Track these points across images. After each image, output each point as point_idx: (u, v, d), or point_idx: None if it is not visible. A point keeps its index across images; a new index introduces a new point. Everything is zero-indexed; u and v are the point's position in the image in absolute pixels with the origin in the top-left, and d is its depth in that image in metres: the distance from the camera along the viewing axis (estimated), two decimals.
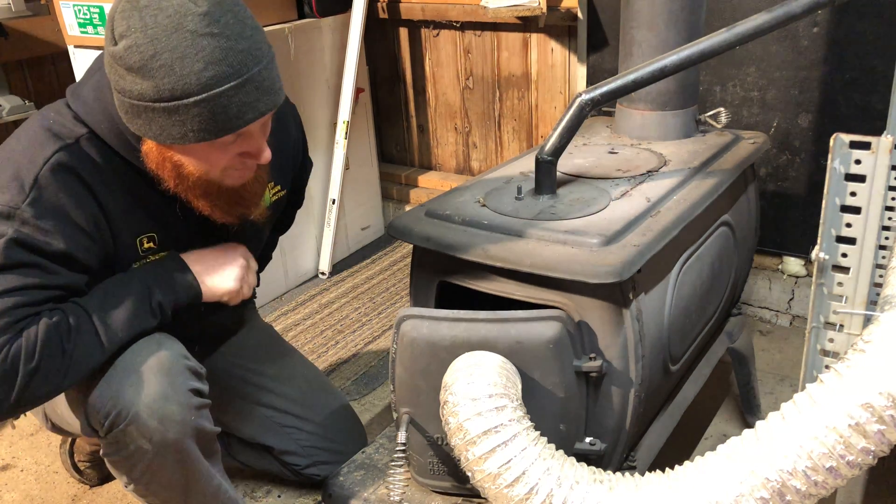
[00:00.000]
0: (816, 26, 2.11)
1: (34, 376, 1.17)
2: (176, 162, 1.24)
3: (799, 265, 2.33)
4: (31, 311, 1.18)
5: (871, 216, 1.13)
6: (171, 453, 1.30)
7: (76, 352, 1.21)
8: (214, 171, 1.27)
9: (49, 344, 1.18)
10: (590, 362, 1.24)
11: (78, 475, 1.86)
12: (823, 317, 1.20)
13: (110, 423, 1.27)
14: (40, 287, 1.20)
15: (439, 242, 1.32)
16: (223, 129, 1.18)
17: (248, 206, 1.36)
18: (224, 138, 1.20)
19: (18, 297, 1.17)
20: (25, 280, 1.18)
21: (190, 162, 1.24)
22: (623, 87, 1.39)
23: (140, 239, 1.34)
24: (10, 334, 1.16)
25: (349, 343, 2.40)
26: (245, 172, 1.31)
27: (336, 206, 2.80)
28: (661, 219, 1.33)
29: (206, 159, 1.24)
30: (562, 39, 2.68)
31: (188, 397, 1.30)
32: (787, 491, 1.00)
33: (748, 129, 1.99)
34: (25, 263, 1.18)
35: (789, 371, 2.14)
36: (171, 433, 1.28)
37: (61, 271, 1.22)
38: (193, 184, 1.27)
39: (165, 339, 1.32)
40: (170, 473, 1.33)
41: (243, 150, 1.25)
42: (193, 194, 1.29)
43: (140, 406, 1.25)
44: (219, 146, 1.22)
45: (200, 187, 1.28)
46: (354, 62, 2.73)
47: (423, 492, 1.39)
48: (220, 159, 1.25)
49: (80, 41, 2.39)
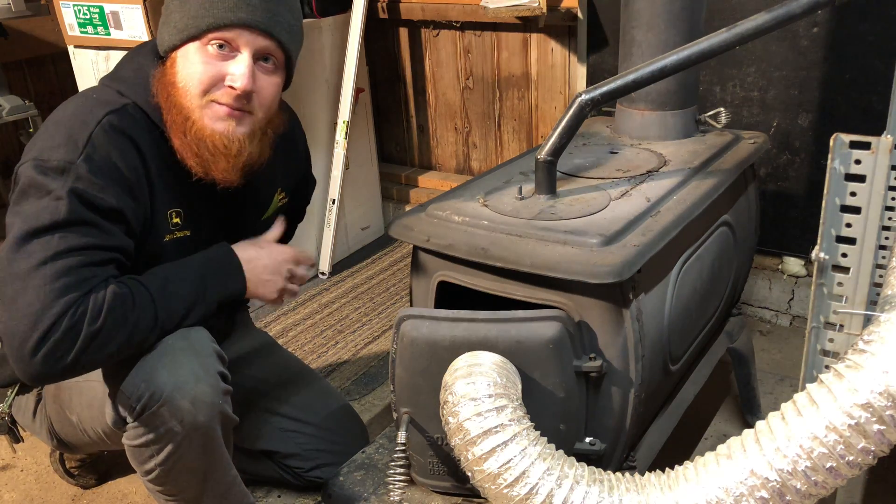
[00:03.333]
0: (816, 26, 2.11)
1: (95, 339, 1.19)
2: (171, 79, 1.31)
3: (799, 265, 2.33)
4: (94, 271, 1.21)
5: (871, 216, 1.13)
6: (198, 436, 1.31)
7: (137, 325, 1.24)
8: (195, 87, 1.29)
9: (114, 311, 1.21)
10: (590, 362, 1.24)
11: (72, 480, 1.86)
12: (823, 317, 1.20)
13: (143, 404, 1.27)
14: (100, 248, 1.22)
15: (439, 242, 1.32)
16: (214, 16, 1.27)
17: (217, 156, 1.33)
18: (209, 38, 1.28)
19: (82, 256, 1.20)
20: (86, 239, 1.21)
21: (179, 73, 1.30)
22: (623, 87, 1.39)
23: (170, 212, 1.37)
24: (77, 293, 1.18)
25: (349, 343, 2.40)
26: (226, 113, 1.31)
27: (336, 206, 2.80)
28: (661, 219, 1.33)
29: (190, 64, 1.29)
30: (562, 39, 2.68)
31: (217, 380, 1.32)
32: (787, 491, 1.00)
33: (748, 129, 1.99)
34: (84, 221, 1.21)
35: (789, 371, 2.14)
36: (201, 415, 1.29)
37: (115, 231, 1.25)
38: (175, 102, 1.30)
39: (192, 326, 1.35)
40: (193, 458, 1.34)
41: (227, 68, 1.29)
42: (175, 122, 1.31)
43: (173, 387, 1.27)
44: (205, 53, 1.29)
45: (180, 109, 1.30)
46: (354, 62, 2.73)
47: (423, 492, 1.39)
48: (203, 69, 1.29)
49: (80, 41, 2.40)
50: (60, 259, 1.18)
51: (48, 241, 1.19)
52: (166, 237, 1.37)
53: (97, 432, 1.47)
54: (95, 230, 1.22)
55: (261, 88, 1.33)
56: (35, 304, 1.16)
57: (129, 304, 1.23)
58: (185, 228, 1.40)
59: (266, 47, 1.32)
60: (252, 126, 1.35)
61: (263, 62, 1.34)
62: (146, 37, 2.26)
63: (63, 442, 1.58)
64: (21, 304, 1.17)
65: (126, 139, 1.28)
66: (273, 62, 1.35)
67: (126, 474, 1.89)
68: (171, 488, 1.39)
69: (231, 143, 1.32)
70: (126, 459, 1.38)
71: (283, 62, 1.37)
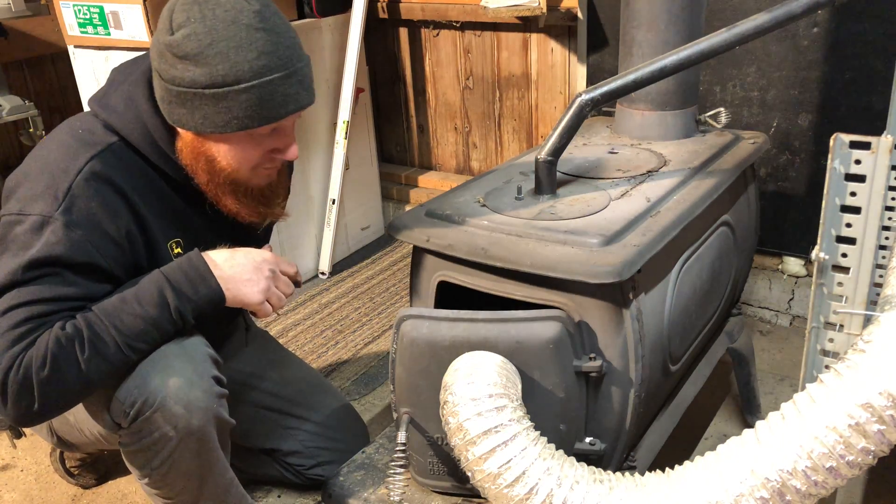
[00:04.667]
0: (816, 26, 2.11)
1: (50, 383, 1.19)
2: (211, 156, 1.30)
3: (799, 265, 2.33)
4: (40, 321, 1.20)
5: (871, 216, 1.13)
6: (193, 441, 1.31)
7: (92, 360, 1.21)
8: (245, 168, 1.32)
9: (60, 353, 1.18)
10: (590, 362, 1.24)
11: (72, 479, 1.86)
12: (823, 317, 1.20)
13: (136, 410, 1.27)
14: (54, 299, 1.21)
15: (439, 242, 1.32)
16: (267, 116, 1.25)
17: (271, 205, 1.41)
18: (261, 129, 1.27)
19: (30, 308, 1.19)
20: (40, 291, 1.20)
21: (224, 156, 1.30)
22: (623, 87, 1.39)
23: (171, 244, 1.37)
24: (21, 345, 1.18)
25: (349, 343, 2.40)
26: (272, 171, 1.37)
27: (336, 206, 2.80)
28: (661, 219, 1.33)
29: (240, 152, 1.30)
30: (562, 39, 2.68)
31: (211, 384, 1.31)
32: (787, 491, 1.00)
33: (748, 129, 1.99)
34: (43, 276, 1.21)
35: (789, 371, 2.14)
36: (195, 420, 1.29)
37: (80, 282, 1.23)
38: (224, 179, 1.32)
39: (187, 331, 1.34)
40: (189, 462, 1.33)
41: (276, 145, 1.32)
42: (223, 191, 1.34)
43: (166, 392, 1.26)
44: (256, 138, 1.29)
45: (230, 184, 1.33)
46: (354, 62, 2.73)
47: (423, 492, 1.39)
48: (253, 154, 1.31)
49: (80, 41, 2.39)
50: (9, 313, 1.19)
51: (8, 297, 1.20)
52: None
53: (94, 434, 1.47)
54: (55, 280, 1.21)
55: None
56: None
57: (78, 340, 1.20)
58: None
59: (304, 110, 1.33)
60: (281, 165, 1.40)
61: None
62: (146, 37, 2.25)
63: (63, 440, 1.58)
64: None
65: (109, 187, 1.26)
66: None
67: (126, 474, 1.89)
68: (167, 492, 1.38)
69: (278, 190, 1.41)
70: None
71: None
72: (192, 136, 1.29)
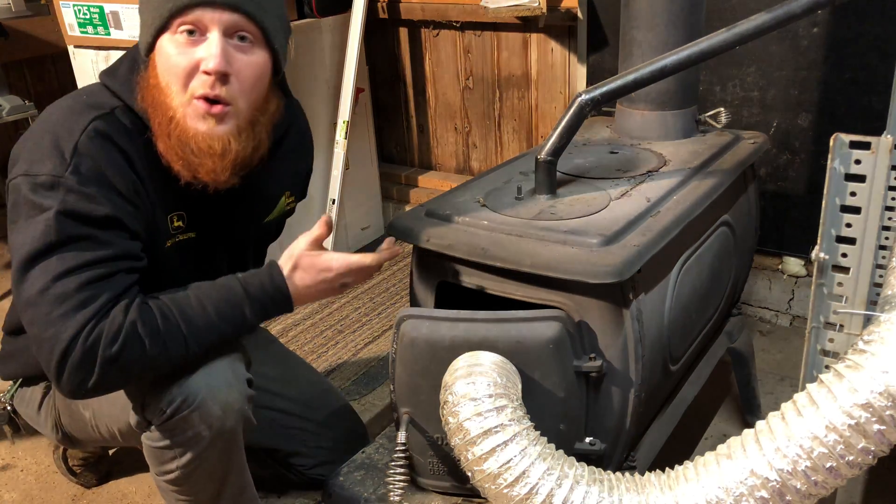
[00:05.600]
0: (816, 26, 2.11)
1: (114, 363, 1.17)
2: (153, 81, 1.26)
3: (799, 265, 2.33)
4: (99, 287, 1.18)
5: (871, 216, 1.13)
6: (223, 441, 1.31)
7: (160, 354, 1.21)
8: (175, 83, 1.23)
9: (132, 336, 1.18)
10: (590, 362, 1.24)
11: (74, 478, 1.86)
12: (823, 317, 1.20)
13: (175, 408, 1.26)
14: (99, 262, 1.19)
15: (439, 242, 1.32)
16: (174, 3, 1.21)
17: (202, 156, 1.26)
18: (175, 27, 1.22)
19: (82, 275, 1.17)
20: (84, 256, 1.18)
21: (158, 72, 1.25)
22: (623, 87, 1.39)
23: (171, 216, 1.35)
24: (84, 313, 1.16)
25: (349, 343, 2.40)
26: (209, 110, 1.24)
27: (336, 206, 2.80)
28: (661, 219, 1.33)
29: (165, 60, 1.24)
30: (562, 39, 2.68)
31: (245, 386, 1.32)
32: (787, 491, 0.99)
33: (748, 129, 1.99)
34: (78, 237, 1.19)
35: (789, 371, 2.14)
36: (229, 421, 1.29)
37: (114, 239, 1.22)
38: (159, 104, 1.25)
39: None
40: (216, 461, 1.34)
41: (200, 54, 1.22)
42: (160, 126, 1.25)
43: (207, 392, 1.26)
44: (176, 43, 1.23)
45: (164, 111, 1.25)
46: (354, 62, 2.73)
47: (423, 492, 1.39)
48: (178, 61, 1.22)
49: (80, 41, 2.40)
50: (60, 282, 1.16)
51: (46, 266, 1.17)
52: (168, 242, 1.35)
53: (111, 430, 1.46)
54: (91, 243, 1.20)
55: (238, 70, 1.24)
56: (48, 329, 1.16)
57: (152, 330, 1.20)
58: (188, 231, 1.38)
59: (235, 22, 1.23)
60: (236, 121, 1.27)
61: (239, 41, 1.24)
62: None
63: (68, 436, 1.57)
64: (36, 331, 1.17)
65: (112, 146, 1.25)
66: (249, 39, 1.25)
67: (126, 474, 1.89)
68: (187, 489, 1.38)
69: (214, 141, 1.25)
70: (126, 459, 1.38)
71: (260, 38, 1.27)
72: (146, 73, 1.27)
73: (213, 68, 1.21)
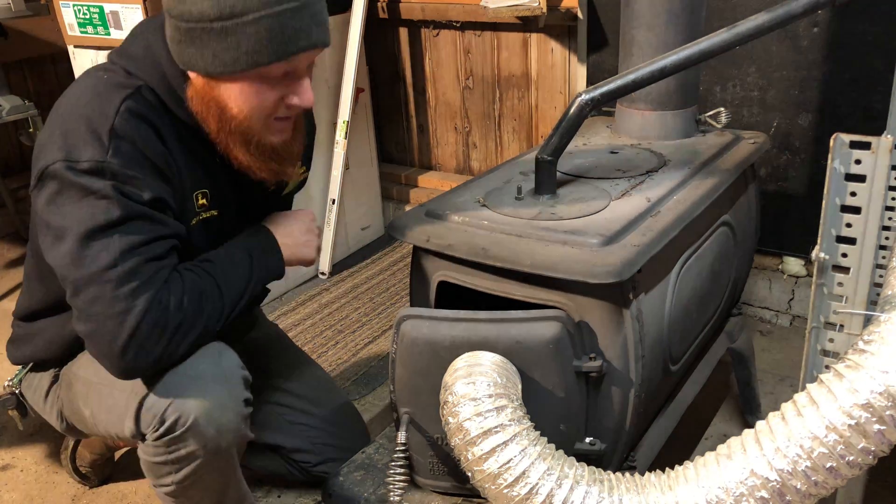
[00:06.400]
0: (816, 26, 2.11)
1: (180, 329, 1.21)
2: (221, 102, 1.25)
3: (799, 265, 2.33)
4: (161, 264, 1.21)
5: (871, 216, 1.13)
6: (219, 460, 1.31)
7: (211, 312, 1.26)
8: (257, 115, 1.27)
9: (192, 300, 1.23)
10: (590, 362, 1.24)
11: (79, 478, 1.87)
12: (823, 317, 1.20)
13: (168, 427, 1.26)
14: (158, 238, 1.22)
15: (439, 242, 1.32)
16: (277, 51, 1.19)
17: (283, 163, 1.36)
18: (273, 70, 1.21)
19: (146, 251, 1.20)
20: (144, 234, 1.20)
21: (235, 101, 1.25)
22: (623, 87, 1.39)
23: (196, 194, 1.35)
24: (153, 288, 1.18)
25: (349, 343, 2.40)
26: (287, 126, 1.32)
27: (336, 206, 2.80)
28: (661, 219, 1.33)
29: (251, 96, 1.24)
30: (562, 39, 2.68)
31: (242, 407, 1.32)
32: (787, 491, 0.99)
33: (748, 129, 1.99)
34: (137, 215, 1.20)
35: (789, 371, 2.14)
36: (224, 442, 1.29)
37: (165, 219, 1.24)
38: (235, 128, 1.27)
39: (224, 348, 1.33)
40: (213, 479, 1.34)
41: (289, 91, 1.26)
42: (234, 141, 1.29)
43: (200, 413, 1.26)
44: (267, 80, 1.23)
45: (241, 134, 1.28)
46: (354, 62, 2.73)
47: (423, 492, 1.39)
48: (265, 98, 1.25)
49: (80, 41, 2.40)
50: (127, 258, 1.17)
51: (109, 242, 1.17)
52: (193, 220, 1.35)
53: (110, 433, 1.46)
54: (148, 222, 1.21)
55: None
56: (116, 305, 1.16)
57: (203, 291, 1.25)
58: (212, 209, 1.38)
59: (318, 55, 1.29)
60: (296, 124, 1.36)
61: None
62: None
63: (71, 427, 1.57)
64: (100, 308, 1.17)
65: (146, 124, 1.24)
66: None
67: (126, 475, 1.89)
68: (184, 502, 1.39)
69: (292, 149, 1.36)
70: (126, 460, 1.38)
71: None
72: (203, 81, 1.24)
73: (306, 107, 1.29)
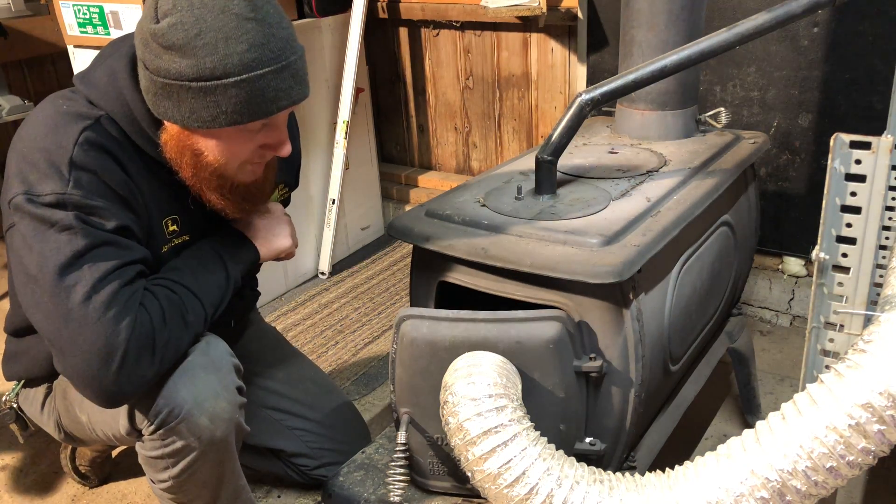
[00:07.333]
0: (816, 26, 2.11)
1: (168, 345, 1.22)
2: (196, 150, 1.25)
3: (799, 265, 2.33)
4: (133, 288, 1.20)
5: (872, 216, 1.12)
6: (215, 451, 1.31)
7: (193, 321, 1.27)
8: (233, 164, 1.27)
9: (172, 313, 1.23)
10: (590, 362, 1.24)
11: (79, 478, 1.87)
12: (823, 317, 1.20)
13: (161, 420, 1.26)
14: (126, 264, 1.21)
15: (439, 242, 1.32)
16: (257, 112, 1.19)
17: (256, 202, 1.38)
18: (252, 125, 1.21)
19: (117, 277, 1.19)
20: (112, 260, 1.19)
21: (211, 151, 1.24)
22: (623, 87, 1.39)
23: (165, 221, 1.35)
24: (131, 314, 1.18)
25: (349, 343, 2.40)
26: (259, 168, 1.33)
27: (336, 206, 2.80)
28: (661, 219, 1.33)
29: (228, 148, 1.25)
30: (562, 39, 2.68)
31: (234, 395, 1.32)
32: (787, 491, 0.99)
33: (748, 129, 1.99)
34: (102, 242, 1.19)
35: (789, 371, 2.14)
36: (219, 431, 1.29)
37: (131, 244, 1.24)
38: (209, 175, 1.27)
39: (212, 338, 1.33)
40: (209, 470, 1.33)
41: (267, 140, 1.27)
42: (208, 186, 1.29)
43: (193, 404, 1.26)
44: (245, 134, 1.24)
45: (215, 180, 1.28)
46: (354, 62, 2.73)
47: (423, 492, 1.39)
48: (242, 149, 1.26)
49: (80, 41, 2.39)
50: (100, 288, 1.16)
51: (79, 275, 1.16)
52: (164, 247, 1.35)
53: (107, 435, 1.46)
54: (114, 247, 1.20)
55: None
56: (98, 339, 1.15)
57: (179, 302, 1.25)
58: (182, 234, 1.38)
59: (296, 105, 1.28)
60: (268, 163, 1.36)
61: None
62: None
63: (70, 436, 1.57)
64: (82, 342, 1.16)
65: (106, 154, 1.23)
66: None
67: (126, 475, 1.89)
68: (182, 497, 1.38)
69: (264, 187, 1.37)
70: (126, 460, 1.38)
71: None
72: (178, 130, 1.23)
73: (285, 155, 1.30)
